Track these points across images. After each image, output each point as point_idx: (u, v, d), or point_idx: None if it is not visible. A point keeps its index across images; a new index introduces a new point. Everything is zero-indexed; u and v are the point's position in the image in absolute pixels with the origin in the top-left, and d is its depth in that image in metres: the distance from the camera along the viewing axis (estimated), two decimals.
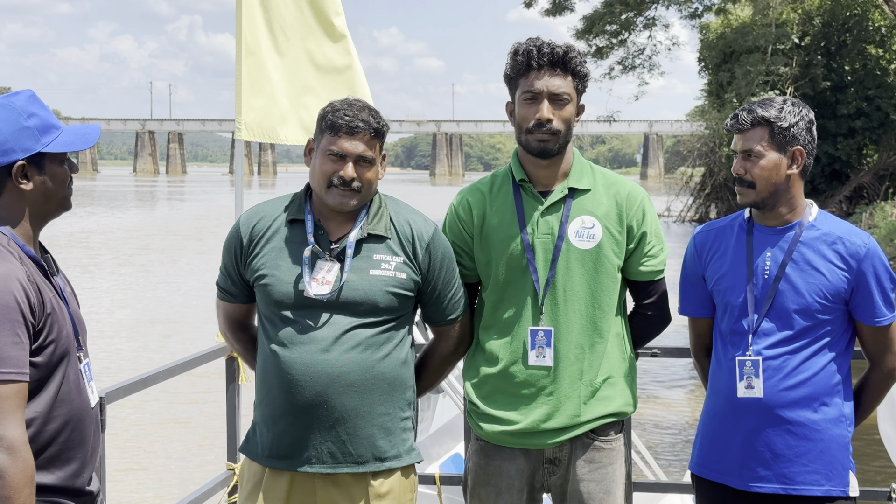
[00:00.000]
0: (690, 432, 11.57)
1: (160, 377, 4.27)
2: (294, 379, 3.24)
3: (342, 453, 3.26)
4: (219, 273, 3.52)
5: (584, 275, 3.45)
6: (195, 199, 64.37)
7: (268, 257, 3.35)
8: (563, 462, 3.49)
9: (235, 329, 3.56)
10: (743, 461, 3.38)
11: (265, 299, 3.34)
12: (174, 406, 12.54)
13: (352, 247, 3.30)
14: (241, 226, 3.43)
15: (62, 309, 2.79)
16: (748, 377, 3.35)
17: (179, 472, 10.28)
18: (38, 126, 2.80)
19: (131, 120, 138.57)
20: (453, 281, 3.47)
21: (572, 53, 3.41)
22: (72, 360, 2.79)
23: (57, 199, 2.85)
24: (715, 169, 43.16)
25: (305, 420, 3.25)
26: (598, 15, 38.13)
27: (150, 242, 35.14)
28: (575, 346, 3.45)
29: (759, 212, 3.43)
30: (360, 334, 3.27)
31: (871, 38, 38.11)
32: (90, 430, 2.84)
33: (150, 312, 20.23)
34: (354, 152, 3.29)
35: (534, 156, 3.45)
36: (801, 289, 3.34)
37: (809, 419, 3.33)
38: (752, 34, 37.22)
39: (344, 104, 3.35)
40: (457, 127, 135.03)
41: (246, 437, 3.43)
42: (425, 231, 3.40)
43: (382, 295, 3.29)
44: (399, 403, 3.34)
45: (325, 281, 3.28)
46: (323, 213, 3.38)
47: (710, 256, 3.51)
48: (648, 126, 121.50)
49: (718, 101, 39.29)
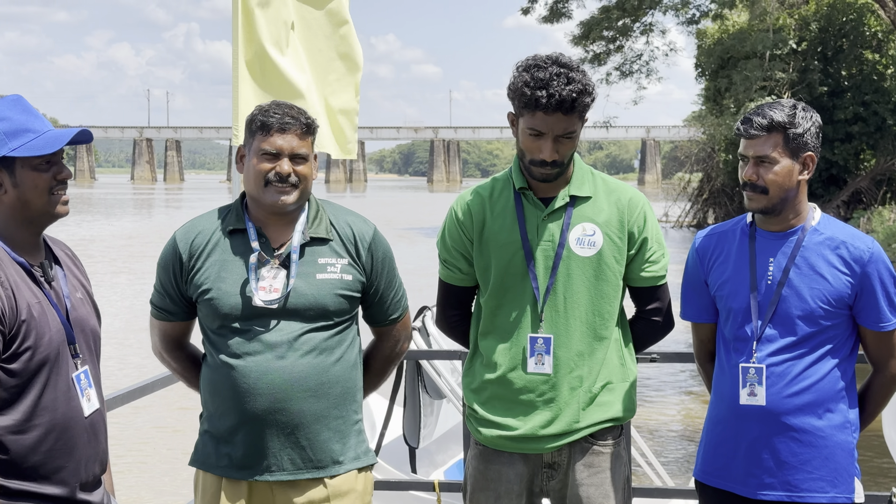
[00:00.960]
0: (690, 438, 11.55)
1: (157, 385, 4.25)
2: (250, 388, 3.22)
3: (302, 459, 3.26)
4: (153, 291, 3.45)
5: (585, 282, 3.44)
6: (192, 206, 64.28)
7: (211, 271, 3.31)
8: (562, 466, 3.48)
9: (172, 348, 3.50)
10: (748, 468, 3.36)
11: (211, 313, 3.29)
12: (166, 414, 12.50)
13: (297, 251, 3.28)
14: (179, 242, 3.37)
15: (50, 315, 2.75)
16: (751, 384, 3.33)
17: (172, 481, 10.25)
18: (5, 130, 2.77)
19: (129, 128, 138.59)
20: (395, 281, 3.48)
21: (582, 98, 3.30)
22: (59, 368, 2.75)
23: (36, 206, 2.80)
24: (712, 174, 43.19)
25: (264, 428, 3.23)
26: (595, 21, 38.16)
27: (146, 250, 35.08)
28: (575, 353, 3.43)
29: (765, 217, 3.40)
30: (314, 338, 3.26)
31: (867, 43, 38.16)
32: (81, 439, 2.79)
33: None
34: (288, 148, 3.29)
35: (536, 181, 3.44)
36: (804, 294, 3.32)
37: (814, 426, 3.31)
38: (750, 40, 37.25)
39: (272, 105, 3.36)
40: (454, 133, 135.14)
41: (195, 448, 3.39)
42: (366, 232, 3.40)
43: (331, 298, 3.28)
44: (352, 406, 3.35)
45: (272, 288, 3.25)
46: (262, 221, 3.35)
47: (713, 261, 3.49)
48: (646, 131, 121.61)
49: (716, 106, 39.32)
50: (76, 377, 2.81)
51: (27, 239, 2.83)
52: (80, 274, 3.03)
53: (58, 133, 2.82)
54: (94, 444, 2.86)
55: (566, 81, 3.28)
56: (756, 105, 3.43)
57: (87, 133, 2.87)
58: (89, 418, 2.84)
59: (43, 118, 2.86)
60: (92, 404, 2.85)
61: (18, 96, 2.88)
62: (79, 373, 2.82)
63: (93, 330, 2.94)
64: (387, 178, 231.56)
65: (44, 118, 2.86)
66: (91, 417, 2.85)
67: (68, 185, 2.91)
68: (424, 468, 6.47)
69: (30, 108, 2.85)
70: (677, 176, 49.42)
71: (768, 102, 3.40)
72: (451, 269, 3.58)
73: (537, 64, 3.34)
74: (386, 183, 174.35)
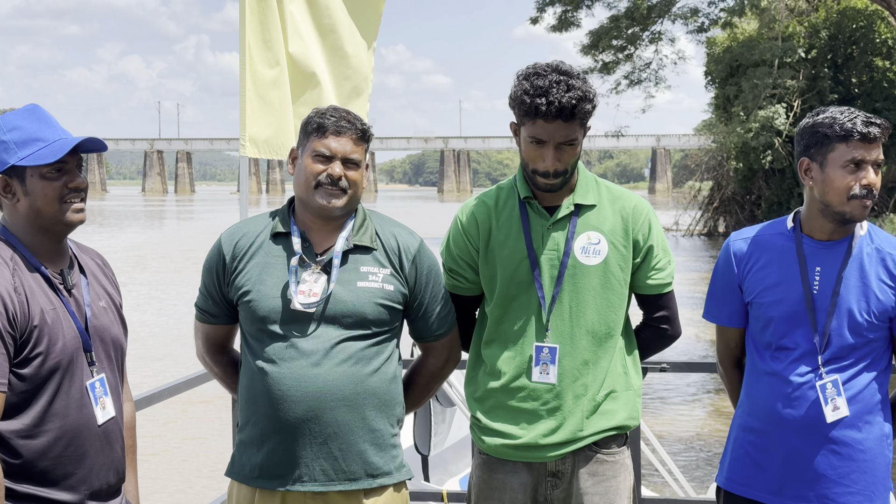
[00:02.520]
0: (698, 447, 11.50)
1: (164, 395, 4.24)
2: (284, 395, 3.19)
3: (334, 470, 3.21)
4: (198, 294, 3.45)
5: (591, 291, 3.42)
6: (202, 218, 64.44)
7: (252, 273, 3.30)
8: (566, 475, 3.46)
9: (215, 352, 3.49)
10: (783, 479, 3.29)
11: (250, 316, 3.28)
12: (174, 425, 12.50)
13: (338, 257, 3.27)
14: (223, 244, 3.37)
15: (65, 322, 2.77)
16: (832, 399, 3.22)
17: (185, 492, 10.24)
18: (16, 140, 2.79)
19: (140, 140, 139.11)
20: (440, 296, 3.44)
21: (582, 104, 3.29)
22: (73, 375, 2.77)
23: (48, 214, 2.81)
24: (723, 182, 43.13)
25: (296, 437, 3.19)
26: (604, 30, 38.23)
27: (150, 263, 35.15)
28: (580, 362, 3.42)
29: (838, 226, 3.28)
30: (350, 347, 3.23)
31: (877, 50, 38.11)
32: (93, 447, 2.80)
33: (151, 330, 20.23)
34: (342, 151, 3.29)
35: (540, 191, 3.44)
36: (852, 306, 3.24)
37: (854, 438, 3.24)
38: (759, 48, 37.26)
39: (329, 108, 3.37)
40: (464, 143, 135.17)
41: (231, 460, 3.37)
42: (411, 244, 3.38)
43: (371, 307, 3.25)
44: (389, 420, 3.30)
45: (311, 293, 3.23)
46: (308, 226, 3.35)
47: (750, 266, 3.39)
48: (656, 140, 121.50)
49: (725, 114, 39.32)
50: (91, 385, 2.81)
51: (48, 246, 2.85)
52: (108, 283, 3.04)
53: (66, 141, 2.83)
54: (108, 452, 2.86)
55: (566, 88, 3.27)
56: (830, 111, 3.29)
57: (96, 141, 2.87)
58: (103, 427, 2.84)
59: (58, 127, 2.86)
60: (107, 412, 2.86)
61: (35, 105, 2.89)
62: (94, 381, 2.82)
63: (115, 339, 2.94)
64: (397, 189, 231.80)
65: (59, 127, 2.87)
66: (105, 426, 2.85)
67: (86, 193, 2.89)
68: (438, 476, 6.46)
69: (44, 118, 2.86)
70: (688, 184, 49.33)
71: (837, 108, 3.30)
72: (457, 279, 3.57)
73: (536, 72, 3.34)
74: (396, 193, 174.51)
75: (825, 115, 3.29)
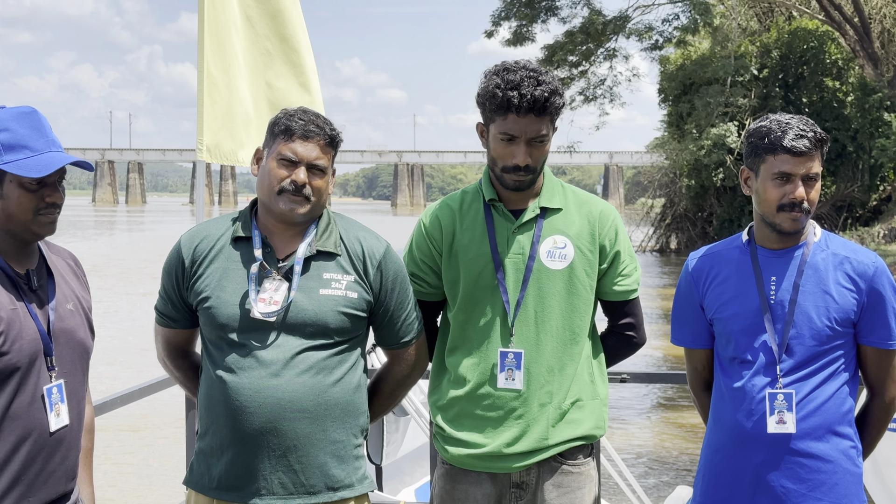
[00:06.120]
0: (660, 460, 11.52)
1: (116, 403, 4.16)
2: (242, 406, 3.08)
3: (293, 483, 3.11)
4: (158, 297, 3.35)
5: (556, 296, 3.37)
6: (152, 230, 63.97)
7: (211, 278, 3.20)
8: (531, 486, 3.39)
9: (175, 356, 3.39)
10: (753, 497, 3.20)
11: (209, 322, 3.18)
12: (125, 435, 12.34)
13: (300, 264, 3.17)
14: (183, 247, 3.27)
15: (25, 323, 2.68)
16: (780, 412, 3.15)
17: (142, 498, 10.10)
18: (3, 141, 2.71)
19: (91, 149, 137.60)
20: (407, 302, 3.34)
21: (554, 98, 3.27)
22: (28, 379, 2.68)
23: (19, 222, 2.74)
24: (675, 199, 43.53)
25: (255, 449, 3.09)
26: (559, 45, 38.49)
27: (108, 270, 34.80)
28: (545, 368, 3.36)
29: (781, 236, 3.24)
30: (311, 357, 3.12)
31: (828, 70, 38.69)
32: (41, 454, 2.71)
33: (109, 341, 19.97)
34: (308, 157, 3.19)
35: (509, 190, 3.39)
36: (810, 313, 3.18)
37: (821, 450, 3.16)
38: (712, 66, 37.72)
39: (298, 110, 3.26)
40: (418, 157, 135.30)
41: (189, 468, 3.27)
42: (377, 249, 3.28)
43: (333, 315, 3.15)
44: (352, 430, 3.20)
45: (272, 301, 3.13)
46: (270, 230, 3.24)
47: (709, 283, 3.34)
48: (609, 157, 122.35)
49: (678, 131, 39.69)
50: (48, 390, 2.72)
51: (15, 247, 2.77)
52: (77, 285, 2.95)
53: (54, 157, 2.74)
54: (61, 461, 2.76)
55: (537, 83, 3.25)
56: (768, 120, 3.23)
57: (84, 164, 2.79)
58: (55, 435, 2.74)
59: (50, 137, 2.78)
60: (60, 420, 2.76)
61: (32, 109, 2.80)
62: (51, 386, 2.73)
63: (80, 343, 2.85)
64: (350, 202, 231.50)
65: (52, 137, 2.78)
66: (58, 434, 2.75)
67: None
68: (393, 486, 6.39)
69: (37, 125, 2.77)
70: (640, 201, 49.75)
71: (782, 117, 3.25)
72: (419, 283, 3.50)
73: (507, 67, 3.31)
74: (349, 206, 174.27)
75: (761, 123, 3.25)
